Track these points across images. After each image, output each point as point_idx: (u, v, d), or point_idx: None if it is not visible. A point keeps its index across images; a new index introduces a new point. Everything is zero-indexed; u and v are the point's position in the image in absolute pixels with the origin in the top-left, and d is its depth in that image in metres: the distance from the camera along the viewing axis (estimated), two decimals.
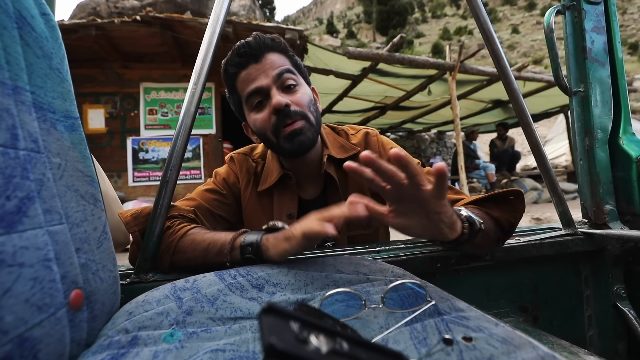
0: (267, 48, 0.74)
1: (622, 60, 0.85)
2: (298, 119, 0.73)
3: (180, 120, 0.65)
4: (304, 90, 0.77)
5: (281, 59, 0.76)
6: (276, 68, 0.73)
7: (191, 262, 0.63)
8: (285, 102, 0.71)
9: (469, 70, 5.06)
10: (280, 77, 0.73)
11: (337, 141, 0.88)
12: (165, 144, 4.98)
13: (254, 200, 0.86)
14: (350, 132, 0.92)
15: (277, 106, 0.71)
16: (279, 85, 0.74)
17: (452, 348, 0.33)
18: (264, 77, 0.73)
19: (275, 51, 0.75)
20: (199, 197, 0.82)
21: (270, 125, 0.73)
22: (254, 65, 0.73)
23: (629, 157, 0.79)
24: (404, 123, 8.49)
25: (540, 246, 0.77)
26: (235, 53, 0.74)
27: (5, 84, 0.34)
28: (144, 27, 4.06)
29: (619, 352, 0.79)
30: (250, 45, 0.73)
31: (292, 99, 0.73)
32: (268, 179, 0.85)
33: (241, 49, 0.73)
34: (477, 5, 0.73)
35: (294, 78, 0.76)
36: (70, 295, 0.37)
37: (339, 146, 0.86)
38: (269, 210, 0.85)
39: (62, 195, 0.39)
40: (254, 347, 0.38)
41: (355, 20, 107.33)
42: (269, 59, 0.74)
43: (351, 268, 0.54)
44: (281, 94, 0.73)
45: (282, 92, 0.74)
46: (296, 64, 0.79)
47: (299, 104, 0.74)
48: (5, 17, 0.35)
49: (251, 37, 0.74)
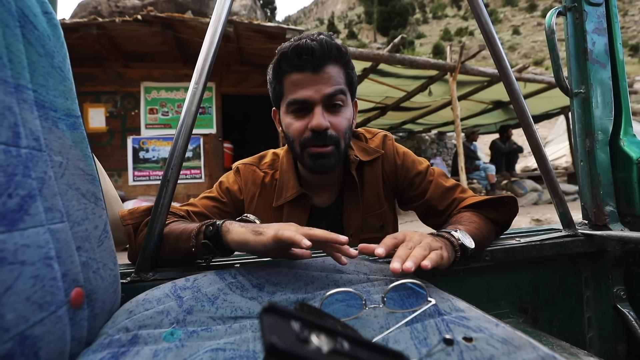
0: (330, 59, 0.70)
1: (623, 61, 0.85)
2: (330, 143, 0.72)
3: (181, 119, 0.65)
4: (347, 114, 0.75)
5: (339, 74, 0.72)
6: (330, 86, 0.70)
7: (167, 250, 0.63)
8: (325, 125, 0.70)
9: (470, 71, 5.06)
10: (332, 96, 0.71)
11: (359, 144, 0.88)
12: (166, 143, 4.98)
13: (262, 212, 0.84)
14: (368, 136, 0.92)
15: (316, 128, 0.70)
16: (327, 103, 0.71)
17: (452, 348, 0.33)
18: (314, 91, 0.70)
19: (337, 64, 0.72)
20: (199, 204, 0.83)
21: (301, 138, 0.73)
22: (310, 74, 0.70)
23: (629, 159, 0.79)
24: (405, 124, 8.49)
25: (540, 247, 0.77)
26: (296, 54, 0.69)
27: (7, 82, 0.34)
28: (145, 27, 4.06)
29: (619, 353, 0.79)
30: (315, 53, 0.68)
31: (332, 122, 0.72)
32: (284, 194, 0.83)
33: (304, 54, 0.68)
34: (478, 6, 0.73)
35: (343, 99, 0.73)
36: (71, 294, 0.37)
37: (361, 149, 0.87)
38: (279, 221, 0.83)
39: (63, 194, 0.39)
40: (254, 347, 0.38)
41: (356, 20, 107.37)
42: (327, 72, 0.70)
43: (351, 268, 0.54)
44: (324, 114, 0.71)
45: (326, 110, 0.72)
46: (350, 81, 0.76)
47: (337, 129, 0.73)
48: (8, 15, 0.35)
49: (317, 42, 0.68)
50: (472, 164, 6.13)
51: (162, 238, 0.64)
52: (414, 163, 0.87)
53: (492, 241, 0.75)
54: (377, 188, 0.87)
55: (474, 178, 6.17)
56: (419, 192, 0.85)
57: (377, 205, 0.88)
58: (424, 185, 0.85)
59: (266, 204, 0.85)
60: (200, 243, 0.57)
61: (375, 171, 0.86)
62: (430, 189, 0.84)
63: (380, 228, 0.88)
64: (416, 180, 0.86)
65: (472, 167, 6.12)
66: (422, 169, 0.86)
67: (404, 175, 0.87)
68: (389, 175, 0.88)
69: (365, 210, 0.86)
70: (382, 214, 0.89)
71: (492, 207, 0.75)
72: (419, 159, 0.89)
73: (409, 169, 0.87)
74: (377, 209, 0.88)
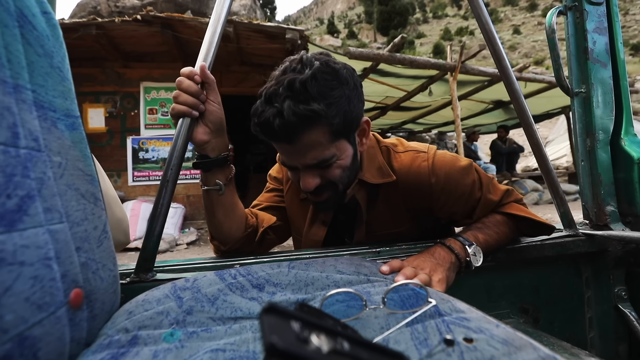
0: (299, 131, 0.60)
1: (624, 61, 0.84)
2: (325, 191, 0.69)
3: (181, 119, 0.65)
4: (341, 162, 0.67)
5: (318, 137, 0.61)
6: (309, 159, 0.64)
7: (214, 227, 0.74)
8: (314, 185, 0.66)
9: (470, 70, 5.06)
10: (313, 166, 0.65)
11: (377, 161, 0.78)
12: (166, 143, 4.98)
13: (290, 198, 0.90)
14: (396, 150, 0.80)
15: (305, 189, 0.68)
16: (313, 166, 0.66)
17: (453, 349, 0.33)
18: (295, 161, 0.66)
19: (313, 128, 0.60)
20: (262, 199, 0.92)
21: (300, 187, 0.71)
22: (286, 145, 0.63)
23: (630, 158, 0.79)
24: (405, 123, 8.49)
25: (541, 247, 0.77)
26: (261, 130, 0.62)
27: (6, 82, 0.34)
28: (144, 27, 4.06)
29: (620, 353, 0.79)
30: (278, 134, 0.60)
31: (324, 175, 0.67)
32: None
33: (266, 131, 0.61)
34: (478, 5, 0.73)
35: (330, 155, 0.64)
36: (70, 294, 0.37)
37: (376, 167, 0.77)
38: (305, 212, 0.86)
39: (62, 194, 0.39)
40: (254, 347, 0.38)
41: (356, 20, 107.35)
42: (303, 142, 0.61)
43: (352, 269, 0.54)
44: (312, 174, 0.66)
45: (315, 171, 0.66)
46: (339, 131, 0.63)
47: (330, 180, 0.68)
48: (7, 15, 0.35)
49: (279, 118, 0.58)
50: None
51: (161, 238, 0.64)
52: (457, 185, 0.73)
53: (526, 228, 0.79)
54: (396, 209, 0.78)
55: None
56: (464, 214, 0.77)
57: (392, 226, 0.80)
58: (469, 205, 0.76)
59: (295, 193, 0.89)
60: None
61: (391, 193, 0.77)
62: (479, 210, 0.75)
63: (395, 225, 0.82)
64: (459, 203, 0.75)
65: None
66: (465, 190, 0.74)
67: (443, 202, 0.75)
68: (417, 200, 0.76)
69: (374, 227, 0.80)
70: (399, 233, 0.80)
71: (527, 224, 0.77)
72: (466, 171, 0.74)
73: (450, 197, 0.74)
74: (391, 229, 0.80)
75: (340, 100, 0.61)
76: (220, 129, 0.68)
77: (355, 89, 0.65)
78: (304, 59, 0.62)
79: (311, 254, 0.70)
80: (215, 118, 0.66)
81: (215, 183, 0.68)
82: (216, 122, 0.66)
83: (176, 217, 4.44)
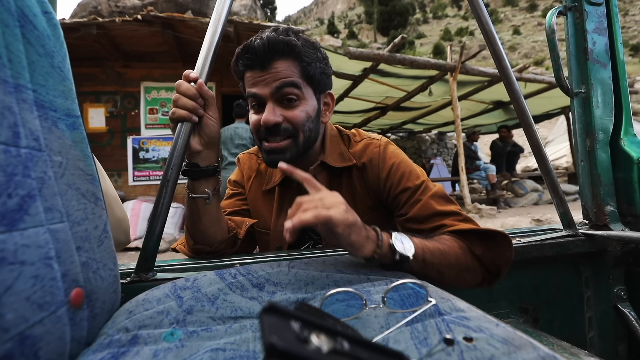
0: (276, 54, 0.69)
1: (624, 61, 0.84)
2: (285, 136, 0.72)
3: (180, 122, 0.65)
4: (304, 107, 0.72)
5: (290, 67, 0.70)
6: (278, 80, 0.69)
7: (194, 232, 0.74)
8: (274, 121, 0.69)
9: (470, 71, 5.06)
10: (280, 90, 0.70)
11: (339, 147, 0.83)
12: (166, 143, 4.98)
13: (254, 194, 0.91)
14: (354, 139, 0.86)
15: (265, 124, 0.70)
16: (277, 97, 0.70)
17: (452, 348, 0.33)
18: (263, 86, 0.70)
19: (286, 57, 0.69)
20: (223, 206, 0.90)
21: (257, 133, 0.74)
22: (258, 71, 0.70)
23: (630, 159, 0.79)
24: (405, 124, 8.49)
25: (540, 247, 0.77)
26: (244, 53, 0.71)
27: (7, 82, 0.34)
28: (145, 27, 4.06)
29: (620, 353, 0.79)
30: (257, 51, 0.68)
31: (286, 115, 0.71)
32: (272, 179, 0.88)
33: (247, 52, 0.70)
34: (478, 6, 0.73)
35: (297, 93, 0.71)
36: (70, 294, 0.37)
37: (338, 153, 0.82)
38: (270, 205, 0.88)
39: (63, 194, 0.39)
40: (254, 347, 0.38)
41: (356, 20, 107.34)
42: (275, 67, 0.69)
43: (352, 268, 0.54)
44: (275, 109, 0.70)
45: (279, 105, 0.71)
46: (308, 74, 0.72)
47: (292, 122, 0.71)
48: (8, 15, 0.35)
49: (260, 39, 0.68)
50: (473, 164, 6.13)
51: (161, 237, 0.64)
52: (402, 178, 0.76)
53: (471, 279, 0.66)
54: (356, 197, 0.80)
55: (474, 178, 6.17)
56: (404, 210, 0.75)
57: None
58: (410, 203, 0.74)
59: (258, 188, 0.90)
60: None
61: (353, 179, 0.81)
62: (416, 208, 0.73)
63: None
64: (402, 197, 0.75)
65: (473, 167, 6.12)
66: (411, 185, 0.75)
67: (387, 189, 0.77)
68: (372, 186, 0.80)
69: None
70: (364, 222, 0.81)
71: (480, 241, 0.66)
72: (416, 172, 0.77)
73: (393, 184, 0.76)
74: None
75: (315, 57, 0.73)
76: (214, 142, 0.71)
77: (327, 63, 0.77)
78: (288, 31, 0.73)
79: (311, 253, 0.70)
80: (211, 132, 0.68)
81: (202, 191, 0.70)
82: (211, 136, 0.69)
83: (176, 216, 4.44)
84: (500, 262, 0.65)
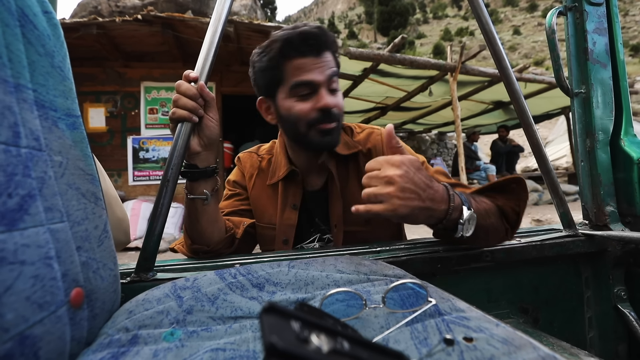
0: (328, 46, 0.76)
1: (624, 61, 0.84)
2: (335, 120, 0.78)
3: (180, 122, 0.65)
4: (341, 96, 0.81)
5: (332, 59, 0.78)
6: (330, 68, 0.76)
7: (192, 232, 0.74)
8: (334, 104, 0.76)
9: (470, 71, 5.06)
10: (331, 78, 0.76)
11: (343, 137, 0.89)
12: (166, 143, 4.98)
13: (258, 190, 0.92)
14: (355, 130, 0.93)
15: (327, 107, 0.75)
16: (328, 85, 0.76)
17: (452, 348, 0.33)
18: (319, 73, 0.75)
19: (331, 50, 0.78)
20: (222, 207, 0.92)
21: (308, 119, 0.76)
22: (313, 58, 0.74)
23: (630, 159, 0.79)
24: (405, 124, 8.49)
25: (540, 247, 0.77)
26: (302, 40, 0.73)
27: (7, 81, 0.34)
28: (145, 26, 4.06)
29: (620, 354, 0.79)
30: (318, 38, 0.74)
31: (336, 102, 0.77)
32: (276, 173, 0.89)
33: (309, 38, 0.73)
34: (478, 6, 0.73)
35: (337, 82, 0.79)
36: (71, 294, 0.37)
37: (343, 142, 0.88)
38: (274, 200, 0.89)
39: (63, 194, 0.39)
40: (254, 347, 0.38)
41: (356, 20, 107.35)
42: (326, 56, 0.76)
43: (352, 268, 0.54)
44: (329, 95, 0.76)
45: (329, 92, 0.77)
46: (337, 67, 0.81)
47: (339, 108, 0.79)
48: (8, 14, 0.35)
49: (317, 28, 0.74)
50: (473, 164, 6.13)
51: (161, 237, 0.64)
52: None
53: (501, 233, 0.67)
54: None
55: (474, 178, 6.18)
56: None
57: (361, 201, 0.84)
58: None
59: (262, 184, 0.92)
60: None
61: (360, 165, 0.86)
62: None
63: (365, 223, 0.87)
64: None
65: (473, 167, 6.13)
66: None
67: None
68: None
69: (349, 202, 0.84)
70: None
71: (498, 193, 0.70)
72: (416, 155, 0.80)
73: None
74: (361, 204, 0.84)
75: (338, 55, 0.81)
76: (213, 144, 0.71)
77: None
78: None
79: (310, 253, 0.70)
80: (210, 133, 0.69)
81: (201, 192, 0.71)
82: (211, 137, 0.70)
83: (176, 216, 4.44)
84: (519, 209, 0.69)
